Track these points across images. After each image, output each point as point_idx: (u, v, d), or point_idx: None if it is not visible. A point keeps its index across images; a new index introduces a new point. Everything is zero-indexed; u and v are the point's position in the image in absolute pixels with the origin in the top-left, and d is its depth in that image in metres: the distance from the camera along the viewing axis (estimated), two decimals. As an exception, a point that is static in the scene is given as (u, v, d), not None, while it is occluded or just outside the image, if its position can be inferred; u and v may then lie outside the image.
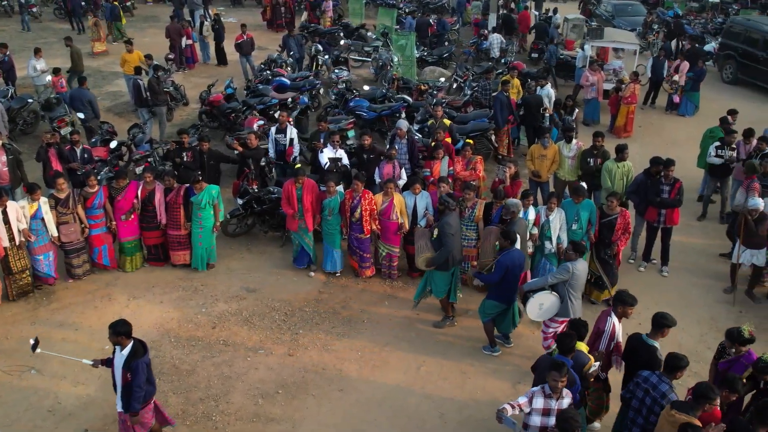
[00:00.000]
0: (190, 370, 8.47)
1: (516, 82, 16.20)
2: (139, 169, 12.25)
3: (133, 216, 10.30)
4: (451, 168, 11.25)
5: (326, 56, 19.94)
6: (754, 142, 11.98)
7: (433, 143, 11.66)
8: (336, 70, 18.28)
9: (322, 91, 17.74)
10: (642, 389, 6.31)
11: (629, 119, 16.81)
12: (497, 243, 8.71)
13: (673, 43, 22.36)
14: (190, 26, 22.03)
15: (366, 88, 16.77)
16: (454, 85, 18.68)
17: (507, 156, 14.43)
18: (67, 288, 10.15)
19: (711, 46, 22.86)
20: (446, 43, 23.77)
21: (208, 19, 23.00)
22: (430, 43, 22.97)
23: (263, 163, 11.77)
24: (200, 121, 15.64)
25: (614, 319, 7.03)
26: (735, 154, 11.84)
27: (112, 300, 9.86)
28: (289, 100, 15.01)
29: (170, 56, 18.32)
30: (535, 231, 9.62)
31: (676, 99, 18.62)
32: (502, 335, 9.09)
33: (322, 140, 12.03)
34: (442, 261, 8.88)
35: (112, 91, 18.51)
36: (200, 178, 10.22)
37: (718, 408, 5.98)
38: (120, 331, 6.42)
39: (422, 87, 17.00)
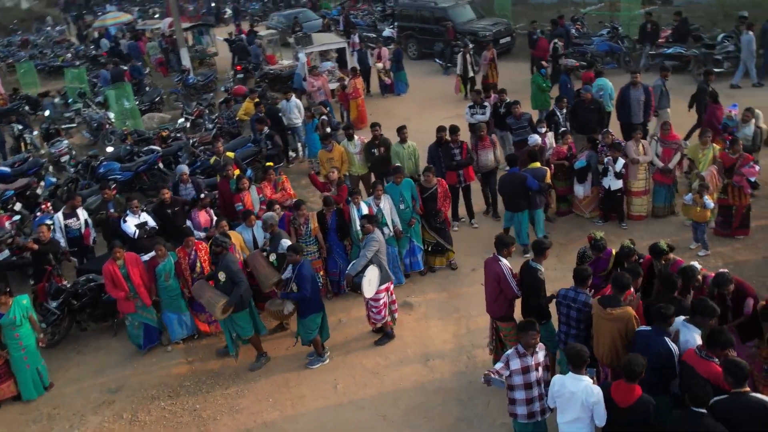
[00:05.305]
0: (105, 496, 7.38)
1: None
2: None
3: None
4: (261, 195, 11.14)
5: (33, 132, 17.97)
6: (493, 96, 13.83)
7: (231, 177, 11.37)
8: (57, 142, 16.59)
9: (51, 168, 15.98)
10: (564, 305, 7.19)
11: (361, 111, 18.02)
12: (275, 260, 9.18)
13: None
14: None
15: (109, 149, 15.56)
16: (187, 125, 18.19)
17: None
18: None
19: (389, 31, 25.27)
20: (147, 89, 22.96)
21: None
22: (135, 91, 21.91)
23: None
24: None
25: (504, 260, 7.67)
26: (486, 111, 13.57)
27: (-47, 470, 8.06)
28: (38, 186, 13.34)
29: None
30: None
31: (388, 81, 20.44)
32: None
33: (112, 210, 11.04)
34: (238, 299, 8.55)
35: None
36: (8, 290, 8.75)
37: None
38: None
39: (163, 133, 16.32)
